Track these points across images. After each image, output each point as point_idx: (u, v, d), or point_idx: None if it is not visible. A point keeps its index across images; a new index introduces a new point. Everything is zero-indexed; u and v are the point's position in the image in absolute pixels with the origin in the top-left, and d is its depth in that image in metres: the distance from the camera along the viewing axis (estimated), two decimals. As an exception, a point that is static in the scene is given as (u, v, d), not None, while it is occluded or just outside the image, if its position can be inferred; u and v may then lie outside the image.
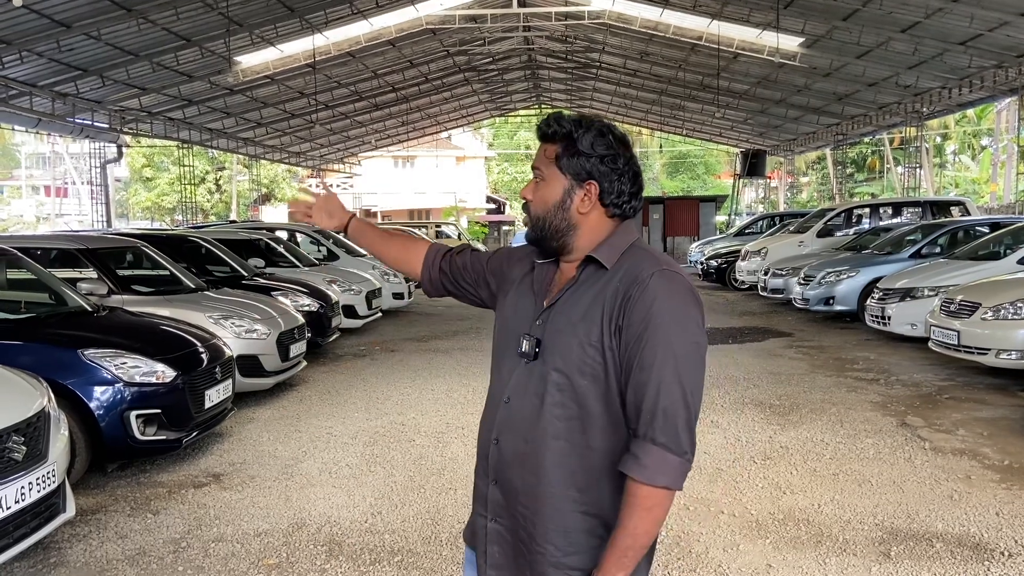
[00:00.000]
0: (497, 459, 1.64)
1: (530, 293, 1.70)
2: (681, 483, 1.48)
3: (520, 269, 1.79)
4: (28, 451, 3.54)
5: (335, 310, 10.17)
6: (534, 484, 1.58)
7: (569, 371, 1.55)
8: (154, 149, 35.57)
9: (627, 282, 1.53)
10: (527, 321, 1.66)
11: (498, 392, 1.68)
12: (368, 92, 24.69)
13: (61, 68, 15.93)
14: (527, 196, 1.69)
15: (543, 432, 1.57)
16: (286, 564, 3.82)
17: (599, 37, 21.63)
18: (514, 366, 1.64)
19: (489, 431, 1.67)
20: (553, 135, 1.63)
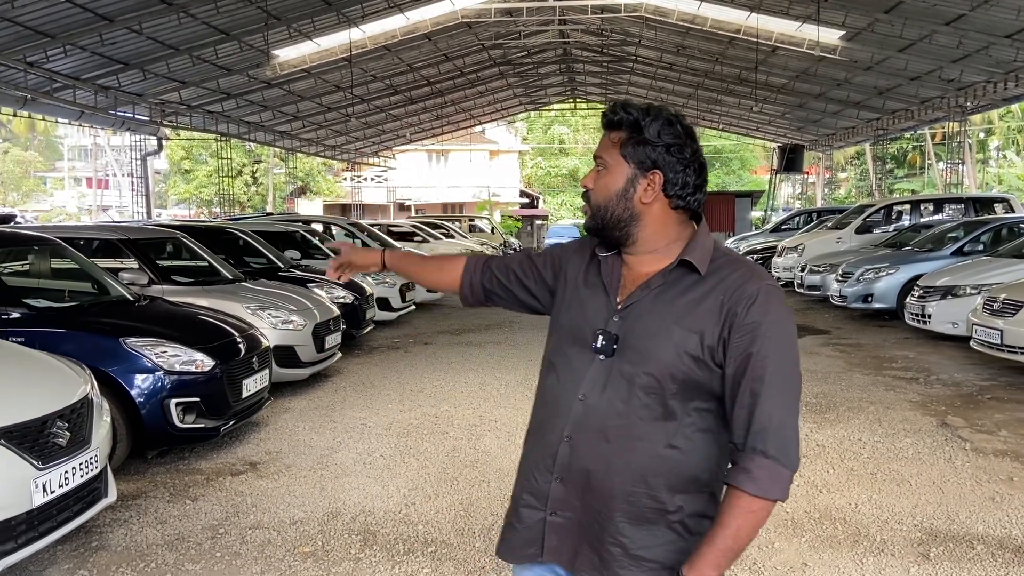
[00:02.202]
0: (569, 456, 1.60)
1: (598, 287, 1.66)
2: (787, 494, 1.50)
3: (578, 262, 1.76)
4: (72, 437, 3.61)
5: (369, 302, 10.25)
6: (611, 481, 1.57)
7: (660, 375, 1.54)
8: (193, 142, 36.16)
9: (732, 295, 1.53)
10: (600, 316, 1.62)
11: (567, 388, 1.63)
12: (403, 86, 24.79)
13: (104, 62, 16.22)
14: (587, 185, 1.66)
15: (626, 431, 1.56)
16: (321, 552, 3.86)
17: (635, 30, 21.47)
18: (585, 362, 1.61)
19: (557, 427, 1.62)
20: (619, 123, 1.60)
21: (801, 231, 19.04)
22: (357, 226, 16.60)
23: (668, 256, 1.62)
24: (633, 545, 1.56)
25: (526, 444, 1.76)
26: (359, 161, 37.30)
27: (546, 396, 1.69)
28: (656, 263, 1.62)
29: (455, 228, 24.43)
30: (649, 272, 1.62)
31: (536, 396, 1.75)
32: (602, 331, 1.59)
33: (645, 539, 1.56)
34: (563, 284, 1.76)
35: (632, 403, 1.55)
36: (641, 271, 1.63)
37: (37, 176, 53.52)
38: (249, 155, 40.70)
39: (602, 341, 1.58)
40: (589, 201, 1.65)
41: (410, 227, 21.38)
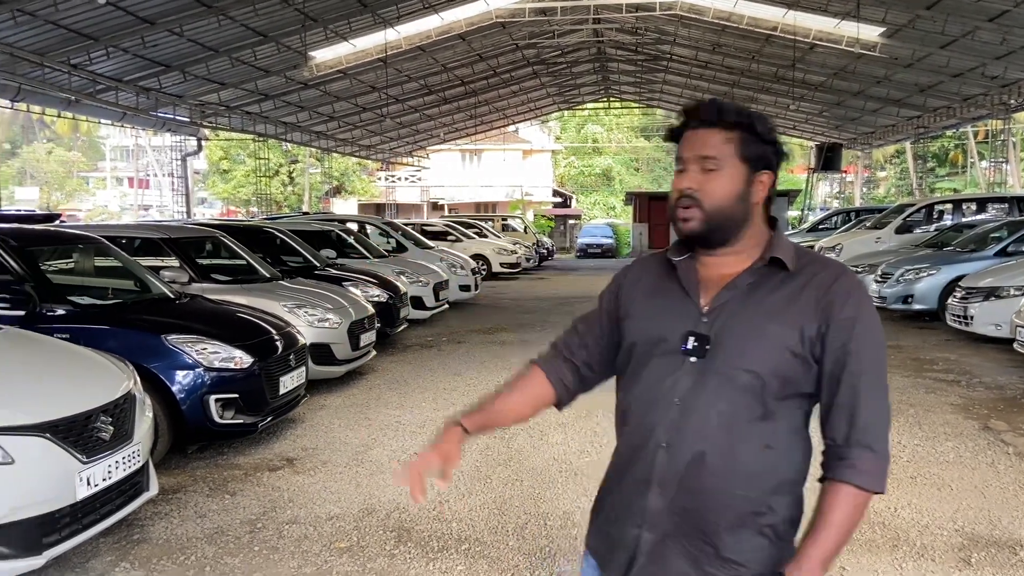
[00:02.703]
0: (667, 464, 1.55)
1: (674, 292, 1.63)
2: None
3: (640, 277, 1.73)
4: (115, 431, 3.70)
5: (403, 301, 10.32)
6: (710, 486, 1.54)
7: (764, 372, 1.52)
8: (231, 142, 36.68)
9: (827, 291, 1.54)
10: (684, 319, 1.59)
11: (657, 395, 1.58)
12: (437, 86, 24.91)
13: (145, 64, 16.53)
14: (692, 186, 1.57)
15: (727, 433, 1.53)
16: (357, 548, 3.90)
17: (670, 29, 21.33)
18: (673, 366, 1.56)
19: (651, 437, 1.57)
20: (728, 122, 1.57)
21: (839, 231, 18.76)
22: (391, 225, 16.72)
23: (749, 255, 1.61)
24: (726, 548, 1.54)
25: (615, 462, 1.68)
26: (393, 161, 37.55)
27: (632, 408, 1.64)
28: (738, 263, 1.61)
29: (488, 227, 24.49)
30: (730, 272, 1.60)
31: (618, 414, 1.69)
32: (691, 333, 1.56)
33: (737, 543, 1.54)
34: (629, 302, 1.71)
35: (733, 404, 1.53)
36: (720, 272, 1.61)
37: (80, 176, 54.70)
38: (286, 155, 41.18)
39: (693, 342, 1.55)
40: (697, 204, 1.57)
41: (443, 226, 21.49)
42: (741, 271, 1.60)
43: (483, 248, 21.01)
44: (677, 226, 1.61)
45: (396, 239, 15.02)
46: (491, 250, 21.27)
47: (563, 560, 3.77)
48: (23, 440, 3.21)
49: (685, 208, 1.58)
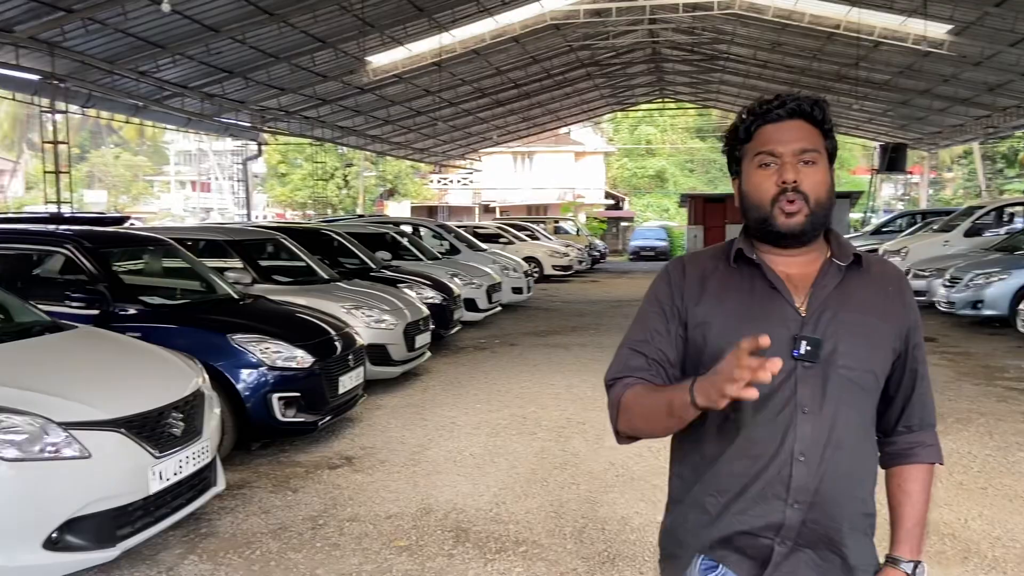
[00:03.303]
0: (805, 477, 1.48)
1: (763, 291, 1.54)
2: None
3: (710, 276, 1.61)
4: (186, 427, 3.81)
5: (457, 303, 10.39)
6: (845, 495, 1.52)
7: (879, 373, 1.55)
8: (289, 146, 37.39)
9: (897, 285, 1.60)
10: (785, 321, 1.50)
11: (775, 403, 1.48)
12: (491, 89, 25.01)
13: (209, 70, 16.98)
14: (796, 179, 1.50)
15: (858, 439, 1.54)
16: (415, 547, 3.95)
17: (728, 28, 21.03)
18: (785, 373, 1.46)
19: (783, 447, 1.48)
20: (813, 115, 1.54)
21: (904, 234, 18.25)
22: (444, 228, 16.85)
23: (820, 253, 1.58)
24: (851, 556, 1.54)
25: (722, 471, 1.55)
26: (446, 164, 37.83)
27: (743, 419, 1.51)
28: (811, 261, 1.57)
29: (540, 230, 24.49)
30: (807, 271, 1.56)
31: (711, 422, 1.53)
32: (803, 336, 1.48)
33: (858, 548, 1.56)
34: (700, 306, 1.58)
35: (860, 407, 1.54)
36: (799, 271, 1.56)
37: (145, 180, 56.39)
38: (341, 159, 41.85)
39: (806, 347, 1.48)
40: (803, 197, 1.51)
41: (495, 229, 21.58)
42: (819, 268, 1.56)
43: (535, 250, 21.03)
44: (773, 223, 1.52)
45: (449, 241, 15.13)
46: (543, 252, 21.27)
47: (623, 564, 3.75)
48: (99, 435, 3.33)
49: (791, 202, 1.51)
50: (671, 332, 1.61)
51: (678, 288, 1.63)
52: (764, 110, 1.55)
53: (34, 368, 3.70)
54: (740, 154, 1.59)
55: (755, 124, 1.56)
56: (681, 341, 1.60)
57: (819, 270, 1.56)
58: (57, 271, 6.38)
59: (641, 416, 1.55)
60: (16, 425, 3.11)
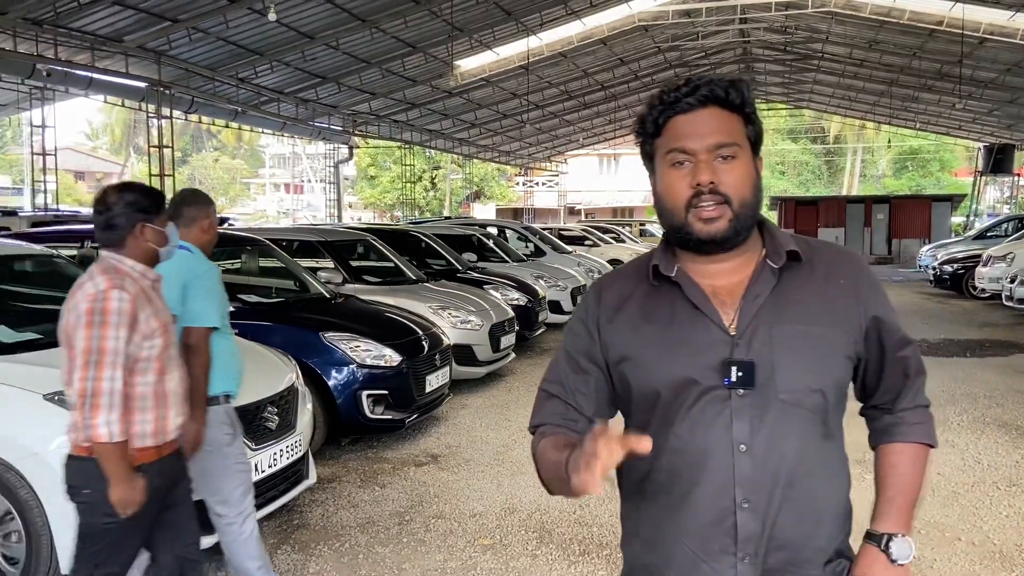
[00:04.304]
0: (753, 527, 1.29)
1: (684, 313, 1.34)
2: None
3: (627, 302, 1.40)
4: (280, 421, 3.96)
5: (542, 305, 10.41)
6: (803, 536, 1.32)
7: (826, 388, 1.33)
8: (378, 149, 38.28)
9: (843, 271, 1.38)
10: (713, 345, 1.31)
11: (708, 444, 1.30)
12: (577, 91, 25.00)
13: (304, 76, 17.57)
14: (711, 179, 1.30)
15: (807, 470, 1.31)
16: (499, 546, 3.98)
17: (822, 26, 20.39)
18: (718, 405, 1.29)
19: (723, 496, 1.29)
20: (732, 101, 1.33)
21: (1010, 239, 17.28)
22: (530, 230, 16.90)
23: (752, 254, 1.37)
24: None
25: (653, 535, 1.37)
26: (532, 166, 37.97)
27: (677, 466, 1.32)
28: (742, 266, 1.37)
29: (626, 232, 24.30)
30: (737, 279, 1.35)
31: (642, 474, 1.36)
32: (732, 361, 1.29)
33: (829, 567, 1.36)
34: (618, 340, 1.38)
35: (804, 433, 1.31)
36: (726, 280, 1.35)
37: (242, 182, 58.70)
38: (429, 161, 42.56)
39: (738, 372, 1.28)
40: (723, 199, 1.30)
41: (581, 231, 21.51)
42: (751, 274, 1.35)
43: (620, 253, 20.82)
44: (690, 229, 1.31)
45: (534, 243, 15.16)
46: (629, 255, 21.01)
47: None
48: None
49: (709, 207, 1.29)
50: (587, 375, 1.42)
51: (593, 320, 1.42)
52: (672, 99, 1.33)
53: (143, 360, 3.90)
54: (651, 150, 1.38)
55: (663, 116, 1.34)
56: (603, 381, 1.42)
57: (750, 276, 1.35)
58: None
59: (548, 476, 1.35)
60: (127, 414, 3.28)
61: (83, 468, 2.39)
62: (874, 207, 27.59)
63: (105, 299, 2.34)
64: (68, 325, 2.39)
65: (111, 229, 2.50)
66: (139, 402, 2.42)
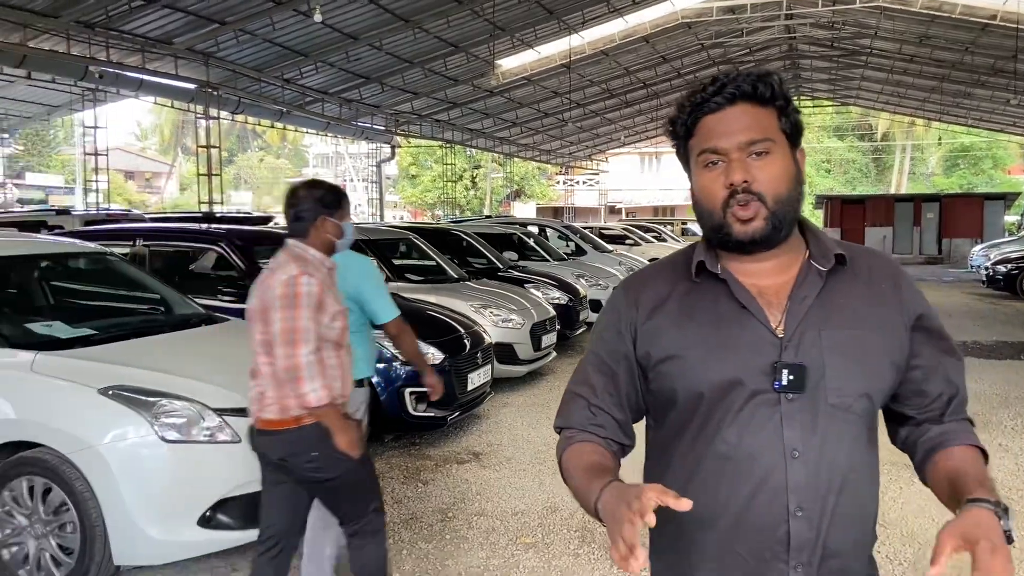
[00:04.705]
0: (807, 534, 1.25)
1: (730, 313, 1.31)
2: None
3: (667, 301, 1.36)
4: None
5: (583, 304, 10.37)
6: (853, 543, 1.30)
7: (874, 394, 1.30)
8: (420, 148, 38.56)
9: (886, 277, 1.34)
10: (760, 346, 1.28)
11: (757, 450, 1.26)
12: (619, 89, 24.87)
13: (348, 77, 17.76)
14: (745, 178, 1.27)
15: (851, 478, 1.28)
16: (541, 545, 3.97)
17: (871, 21, 19.99)
18: (768, 410, 1.26)
19: (776, 502, 1.25)
20: (762, 95, 1.30)
21: (1068, 239, 16.75)
22: (570, 228, 16.86)
23: (795, 255, 1.34)
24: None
25: (700, 538, 1.32)
26: (573, 165, 37.88)
27: (723, 471, 1.29)
28: (785, 267, 1.33)
29: (667, 231, 24.10)
30: (781, 280, 1.32)
31: (681, 479, 1.32)
32: (783, 364, 1.25)
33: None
34: (659, 339, 1.34)
35: (855, 439, 1.28)
36: (771, 280, 1.32)
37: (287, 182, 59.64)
38: (470, 160, 42.73)
39: (788, 376, 1.24)
40: (758, 198, 1.27)
41: (622, 230, 21.39)
42: (796, 276, 1.32)
43: (662, 252, 20.63)
44: (729, 230, 1.28)
45: (575, 242, 15.12)
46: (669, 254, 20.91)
47: None
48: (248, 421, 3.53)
49: (743, 206, 1.27)
50: (616, 377, 1.39)
51: (626, 321, 1.38)
52: (699, 100, 1.31)
53: (192, 357, 3.98)
54: (685, 152, 1.35)
55: (692, 117, 1.32)
56: (632, 385, 1.39)
57: (795, 278, 1.32)
58: (209, 267, 6.83)
59: (574, 489, 1.32)
60: (177, 409, 3.36)
61: (302, 435, 2.66)
62: (924, 206, 26.98)
63: (296, 284, 2.62)
64: (261, 306, 2.66)
65: (298, 220, 2.83)
66: (330, 371, 2.69)
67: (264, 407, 2.67)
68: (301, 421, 2.63)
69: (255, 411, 2.72)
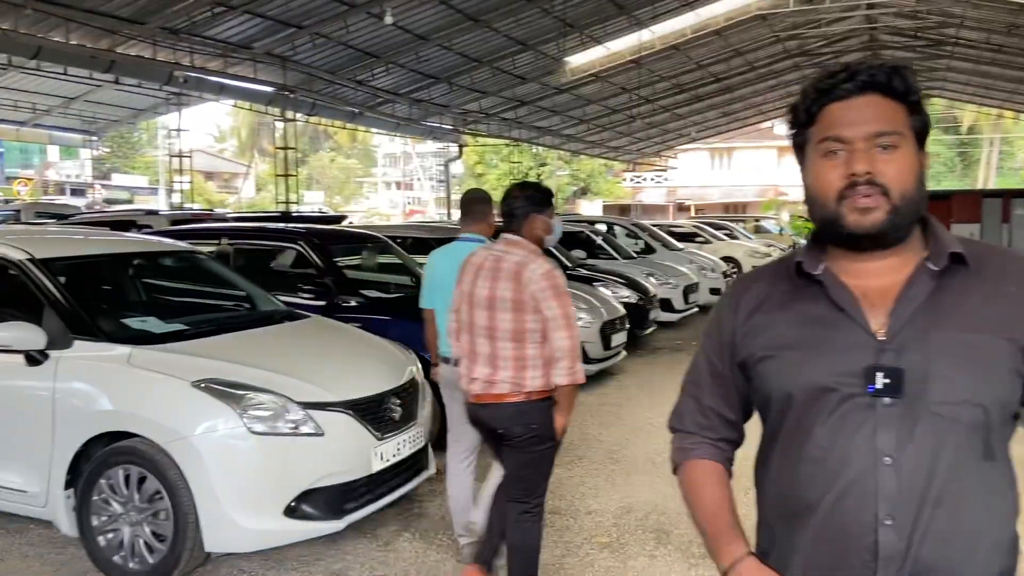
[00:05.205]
0: (896, 545, 1.20)
1: (829, 315, 1.27)
2: None
3: (767, 301, 1.36)
4: (403, 412, 4.07)
5: (652, 303, 10.27)
6: (950, 560, 1.22)
7: (987, 403, 1.22)
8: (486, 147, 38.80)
9: (1014, 279, 1.26)
10: (857, 349, 1.24)
11: (849, 454, 1.23)
12: (689, 84, 24.51)
13: (417, 77, 17.98)
14: (869, 169, 1.23)
15: (954, 489, 1.21)
16: (616, 545, 3.96)
17: (956, 10, 19.19)
18: (861, 415, 1.22)
19: (865, 511, 1.21)
20: (895, 88, 1.26)
21: None
22: (639, 226, 16.71)
23: (912, 255, 1.28)
24: None
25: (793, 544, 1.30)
26: (641, 161, 37.52)
27: (814, 476, 1.26)
28: (899, 267, 1.28)
29: (739, 229, 23.65)
30: (892, 281, 1.27)
31: (775, 484, 1.34)
32: (877, 368, 1.21)
33: None
34: (757, 339, 1.34)
35: (959, 450, 1.21)
36: (879, 281, 1.27)
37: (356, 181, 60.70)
38: (535, 158, 42.76)
39: (884, 379, 1.20)
40: (881, 190, 1.23)
41: (692, 227, 21.09)
42: (907, 277, 1.26)
43: (734, 250, 20.29)
44: (843, 222, 1.25)
45: (644, 240, 14.97)
46: (742, 252, 20.49)
47: None
48: (331, 415, 3.63)
49: (866, 196, 1.22)
50: (722, 378, 1.42)
51: (728, 323, 1.40)
52: (827, 86, 1.27)
53: (276, 352, 4.11)
54: (803, 140, 1.31)
55: (817, 103, 1.28)
56: (737, 385, 1.40)
57: (907, 279, 1.26)
58: (288, 265, 7.02)
59: (698, 526, 1.41)
60: (263, 403, 3.47)
61: (537, 407, 3.07)
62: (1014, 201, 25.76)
63: (556, 275, 3.03)
64: (517, 297, 3.00)
65: (512, 217, 3.17)
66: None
67: (493, 383, 3.05)
68: (531, 396, 3.03)
69: (476, 389, 3.11)
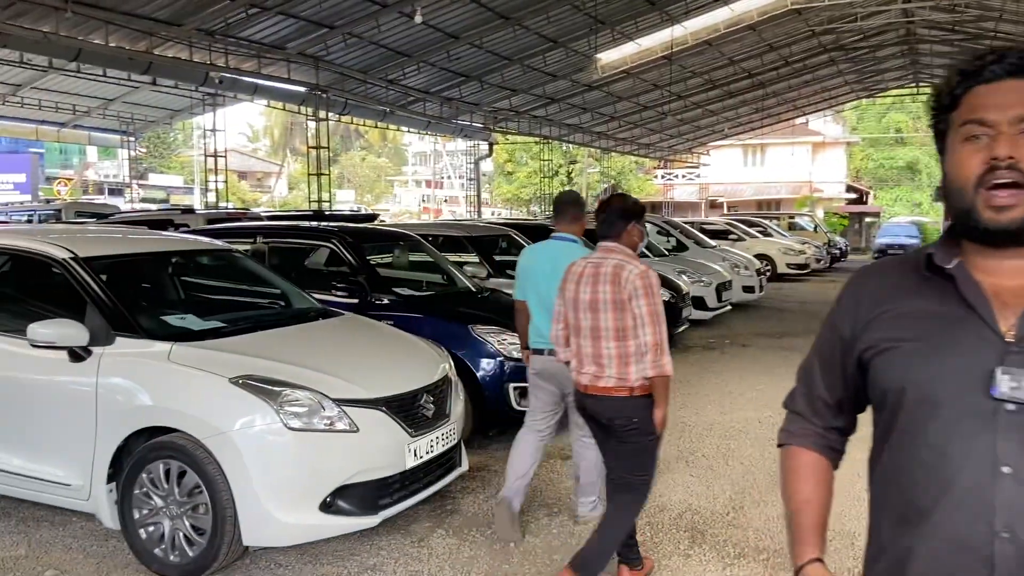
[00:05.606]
0: (1013, 560, 1.13)
1: (955, 312, 1.22)
2: None
3: (892, 293, 1.32)
4: (436, 410, 4.09)
5: (685, 301, 10.18)
6: None
7: None
8: (516, 145, 38.81)
9: None
10: (983, 350, 1.18)
11: (963, 462, 1.17)
12: (722, 80, 24.29)
13: (448, 76, 18.04)
14: (1014, 155, 1.17)
15: None
16: (650, 543, 3.94)
17: (995, 3, 18.79)
18: (981, 419, 1.16)
19: (979, 522, 1.15)
20: None
21: None
22: (671, 223, 16.59)
23: None
24: None
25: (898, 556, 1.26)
26: (672, 158, 37.26)
27: (923, 481, 1.22)
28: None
29: (773, 226, 23.38)
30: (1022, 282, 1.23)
31: (884, 485, 1.32)
32: (1006, 370, 1.15)
33: None
34: (876, 331, 1.30)
35: None
36: (1011, 281, 1.22)
37: (387, 180, 61.08)
38: (566, 155, 42.65)
39: (1010, 383, 1.14)
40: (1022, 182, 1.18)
41: (724, 225, 20.89)
42: None
43: (768, 247, 20.11)
44: (978, 217, 1.20)
45: (676, 237, 14.86)
46: (776, 250, 20.30)
47: None
48: (365, 412, 3.66)
49: (1004, 192, 1.16)
50: (833, 369, 1.40)
51: (848, 314, 1.36)
52: (974, 68, 1.22)
53: (311, 349, 4.15)
54: (944, 126, 1.27)
55: (962, 86, 1.23)
56: (848, 378, 1.38)
57: None
58: (322, 263, 7.09)
59: (786, 512, 1.47)
60: (299, 399, 3.51)
61: (634, 402, 3.27)
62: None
63: (651, 276, 3.29)
64: (615, 298, 3.26)
65: (609, 225, 3.43)
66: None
67: (600, 378, 3.28)
68: (633, 392, 3.24)
69: (585, 382, 3.33)
